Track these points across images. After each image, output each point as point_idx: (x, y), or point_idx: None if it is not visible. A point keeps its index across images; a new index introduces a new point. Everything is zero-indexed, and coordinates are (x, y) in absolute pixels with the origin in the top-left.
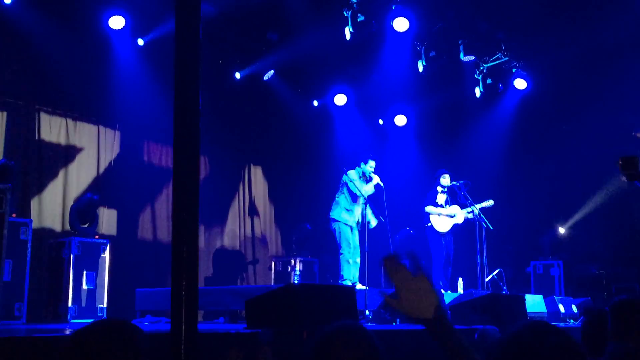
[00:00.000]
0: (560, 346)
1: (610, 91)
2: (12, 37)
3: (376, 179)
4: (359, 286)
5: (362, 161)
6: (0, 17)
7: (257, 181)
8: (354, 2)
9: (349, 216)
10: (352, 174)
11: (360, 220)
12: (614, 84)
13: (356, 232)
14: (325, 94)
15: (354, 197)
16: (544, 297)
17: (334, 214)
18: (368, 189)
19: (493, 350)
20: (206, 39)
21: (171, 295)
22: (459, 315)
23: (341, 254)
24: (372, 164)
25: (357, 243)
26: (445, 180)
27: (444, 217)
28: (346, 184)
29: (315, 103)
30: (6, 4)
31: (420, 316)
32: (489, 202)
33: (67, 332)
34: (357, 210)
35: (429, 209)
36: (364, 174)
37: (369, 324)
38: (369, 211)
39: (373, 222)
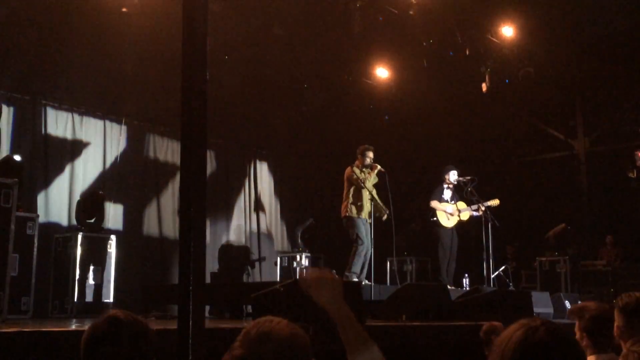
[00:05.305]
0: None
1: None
2: (19, 33)
3: (377, 167)
4: (364, 282)
5: (359, 154)
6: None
7: (263, 176)
8: None
9: (360, 210)
10: (354, 169)
11: (369, 214)
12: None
13: (368, 227)
14: (331, 88)
15: (361, 192)
16: (550, 294)
17: (346, 210)
18: (371, 179)
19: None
20: (212, 33)
21: (178, 290)
22: (465, 312)
23: (356, 248)
24: (369, 154)
25: (368, 238)
26: (452, 176)
27: (449, 214)
28: (350, 179)
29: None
30: None
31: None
32: (495, 202)
33: (73, 327)
34: (367, 204)
35: (434, 204)
36: (364, 165)
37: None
38: (378, 203)
39: (384, 215)
